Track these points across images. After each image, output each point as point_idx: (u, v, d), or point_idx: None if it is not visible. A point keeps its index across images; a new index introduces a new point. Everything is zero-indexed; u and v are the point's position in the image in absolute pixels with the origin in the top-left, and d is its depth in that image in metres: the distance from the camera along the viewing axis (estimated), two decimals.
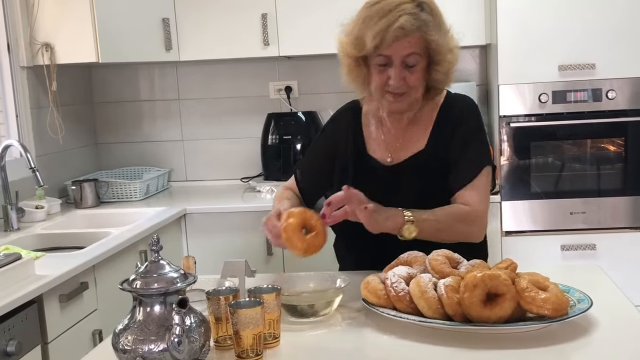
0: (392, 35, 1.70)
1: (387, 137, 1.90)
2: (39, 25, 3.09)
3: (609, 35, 2.96)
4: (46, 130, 3.23)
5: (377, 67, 1.78)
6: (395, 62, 1.75)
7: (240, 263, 1.63)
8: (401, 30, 1.70)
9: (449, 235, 1.75)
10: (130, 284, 1.29)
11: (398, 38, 1.71)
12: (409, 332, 1.45)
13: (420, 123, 1.89)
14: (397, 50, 1.73)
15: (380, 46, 1.73)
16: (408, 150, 1.88)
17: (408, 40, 1.72)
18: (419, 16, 1.72)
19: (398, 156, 1.88)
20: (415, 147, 1.87)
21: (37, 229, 2.82)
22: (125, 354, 1.26)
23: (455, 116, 1.87)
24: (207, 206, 3.22)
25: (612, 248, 3.03)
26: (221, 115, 3.77)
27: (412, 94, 1.79)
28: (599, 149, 3.09)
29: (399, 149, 1.88)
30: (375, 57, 1.76)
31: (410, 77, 1.76)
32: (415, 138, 1.88)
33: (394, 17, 1.70)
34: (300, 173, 2.03)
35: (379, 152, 1.90)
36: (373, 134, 1.92)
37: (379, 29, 1.71)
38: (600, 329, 1.44)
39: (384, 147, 1.90)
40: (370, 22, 1.74)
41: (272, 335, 1.42)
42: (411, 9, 1.72)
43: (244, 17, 3.32)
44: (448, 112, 1.88)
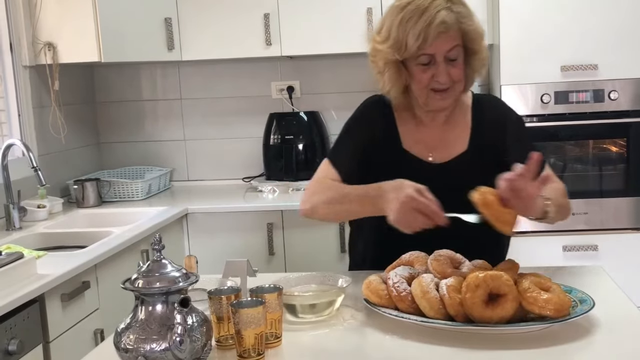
0: (435, 32, 1.70)
1: (425, 135, 1.88)
2: (41, 25, 3.09)
3: (611, 36, 2.96)
4: (48, 130, 3.23)
5: (420, 67, 1.76)
6: (438, 58, 1.74)
7: (242, 263, 1.63)
8: (443, 25, 1.70)
9: (564, 214, 1.77)
10: (132, 283, 1.29)
11: (440, 34, 1.71)
12: (411, 332, 1.45)
13: (456, 124, 1.89)
14: (440, 47, 1.73)
15: (423, 45, 1.72)
16: (450, 150, 1.86)
17: (449, 35, 1.72)
18: (453, 9, 1.73)
19: (440, 156, 1.87)
20: (458, 149, 1.86)
21: (39, 228, 2.83)
22: (127, 353, 1.26)
23: (494, 118, 1.88)
24: (209, 206, 3.22)
25: (614, 249, 3.02)
26: (223, 115, 3.77)
27: (457, 88, 1.80)
28: (601, 149, 3.09)
29: (439, 149, 1.87)
30: (418, 57, 1.75)
31: (454, 70, 1.76)
32: (454, 139, 1.87)
33: (432, 14, 1.70)
34: (340, 163, 1.89)
35: (418, 149, 1.87)
36: (409, 130, 1.89)
37: (421, 27, 1.70)
38: (602, 330, 1.44)
39: (422, 145, 1.88)
40: (408, 23, 1.72)
41: (273, 335, 1.42)
42: (445, 4, 1.72)
43: (247, 17, 3.32)
44: (483, 113, 1.89)
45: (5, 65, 3.07)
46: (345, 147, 1.94)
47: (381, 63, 1.81)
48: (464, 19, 1.74)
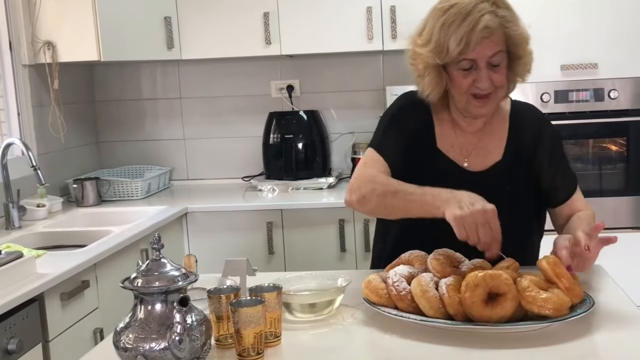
0: (478, 37, 1.66)
1: (461, 140, 1.85)
2: (41, 24, 3.09)
3: (611, 35, 2.96)
4: (48, 129, 3.23)
5: (461, 72, 1.72)
6: (480, 64, 1.70)
7: (241, 262, 1.63)
8: (487, 30, 1.66)
9: None
10: (131, 282, 1.29)
11: (483, 39, 1.66)
12: (410, 331, 1.45)
13: (493, 132, 1.85)
14: (483, 52, 1.68)
15: (465, 50, 1.67)
16: (485, 158, 1.83)
17: (492, 40, 1.68)
18: (498, 13, 1.69)
19: (474, 163, 1.83)
20: (493, 157, 1.83)
21: (38, 227, 2.83)
22: (126, 353, 1.26)
23: (529, 130, 1.85)
24: (209, 205, 3.22)
25: (614, 248, 3.00)
26: (223, 114, 3.77)
27: (499, 94, 1.76)
28: (601, 148, 3.09)
29: (474, 155, 1.84)
30: (459, 62, 1.71)
31: (496, 76, 1.72)
32: (490, 147, 1.84)
33: (475, 18, 1.66)
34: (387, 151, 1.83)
35: (453, 153, 1.84)
36: (446, 132, 1.86)
37: (463, 32, 1.66)
38: (602, 329, 1.44)
39: (458, 149, 1.84)
40: (450, 27, 1.67)
41: (273, 334, 1.42)
42: (489, 7, 1.68)
43: (246, 15, 3.32)
44: (519, 123, 1.86)
45: (4, 64, 3.06)
46: (391, 136, 1.87)
47: (421, 66, 1.76)
48: (509, 23, 1.70)
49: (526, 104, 1.97)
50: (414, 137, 1.84)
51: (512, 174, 1.83)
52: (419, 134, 1.85)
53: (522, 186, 1.83)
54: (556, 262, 1.49)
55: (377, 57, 3.60)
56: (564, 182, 1.87)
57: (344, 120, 3.67)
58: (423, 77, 1.77)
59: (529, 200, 1.85)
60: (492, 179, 1.81)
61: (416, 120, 1.87)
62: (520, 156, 1.83)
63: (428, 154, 1.84)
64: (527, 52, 1.76)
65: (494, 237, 1.54)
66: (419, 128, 1.86)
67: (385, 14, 3.26)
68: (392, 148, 1.83)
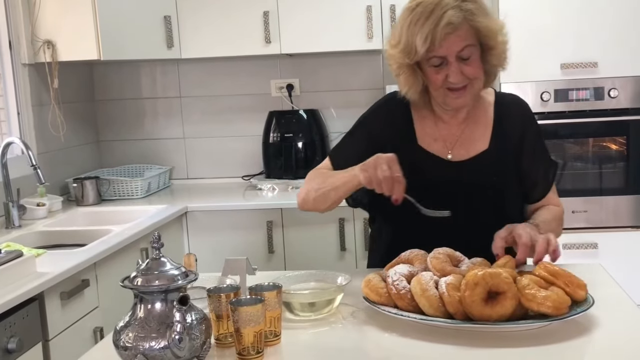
0: (442, 34, 1.67)
1: (444, 133, 1.86)
2: (40, 23, 3.09)
3: (611, 33, 2.96)
4: (48, 128, 3.23)
5: (433, 68, 1.73)
6: (450, 59, 1.71)
7: (241, 261, 1.63)
8: (450, 26, 1.67)
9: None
10: (131, 281, 1.29)
11: (448, 35, 1.67)
12: (410, 330, 1.45)
13: (477, 121, 1.86)
14: (450, 48, 1.69)
15: (431, 48, 1.69)
16: (470, 149, 1.84)
17: (458, 35, 1.69)
18: (463, 6, 1.69)
19: (459, 153, 1.84)
20: (478, 147, 1.84)
21: (38, 227, 2.83)
22: (126, 351, 1.26)
23: (516, 119, 1.86)
24: (209, 204, 3.22)
25: (614, 247, 3.02)
26: (222, 113, 3.77)
27: (475, 85, 1.77)
28: (601, 147, 3.09)
29: (458, 147, 1.85)
30: (429, 59, 1.72)
31: (468, 69, 1.72)
32: (475, 137, 1.85)
33: (438, 15, 1.67)
34: (337, 160, 1.91)
35: (436, 147, 1.85)
36: (427, 127, 1.87)
37: (427, 30, 1.67)
38: (601, 328, 1.44)
39: (441, 142, 1.85)
40: (416, 25, 1.69)
41: (273, 333, 1.42)
42: (453, 2, 1.69)
43: (246, 14, 3.32)
44: (505, 112, 1.87)
45: (4, 63, 3.06)
46: (350, 141, 1.94)
47: (395, 67, 1.79)
48: (474, 16, 1.70)
49: (511, 95, 1.98)
50: (385, 139, 1.85)
51: (500, 162, 1.83)
52: (397, 132, 1.87)
53: (509, 174, 1.84)
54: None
55: (376, 56, 3.60)
56: (544, 179, 1.88)
57: (344, 119, 3.65)
58: (398, 76, 1.80)
59: (517, 188, 1.86)
60: (477, 167, 1.82)
61: (390, 121, 1.89)
62: (507, 145, 1.84)
63: (409, 151, 1.84)
64: (499, 42, 1.75)
65: (393, 178, 1.59)
66: (397, 127, 1.88)
67: (385, 13, 3.26)
68: (345, 155, 1.89)
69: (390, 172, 1.60)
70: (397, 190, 1.61)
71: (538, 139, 1.89)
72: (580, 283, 1.47)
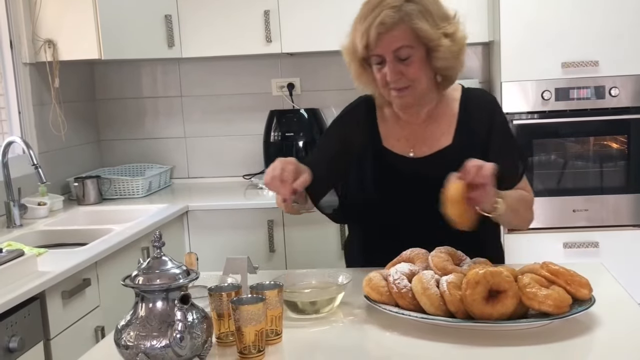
0: (375, 33, 1.69)
1: (407, 132, 1.87)
2: (41, 22, 3.09)
3: (612, 32, 2.95)
4: (49, 127, 3.23)
5: (376, 66, 1.76)
6: (387, 58, 1.72)
7: (242, 260, 1.63)
8: (382, 26, 1.68)
9: (517, 219, 1.78)
10: (132, 280, 1.30)
11: (381, 35, 1.69)
12: (411, 329, 1.45)
13: (441, 119, 1.86)
14: (385, 47, 1.71)
15: (368, 46, 1.71)
16: (432, 145, 1.85)
17: (393, 35, 1.69)
18: (402, 7, 1.70)
19: (422, 150, 1.85)
20: (441, 143, 1.84)
21: (39, 226, 2.83)
22: (127, 350, 1.26)
23: (482, 114, 1.85)
24: (209, 203, 3.22)
25: (615, 246, 3.02)
26: (223, 112, 3.77)
27: (417, 87, 1.76)
28: (602, 146, 3.08)
29: (421, 144, 1.85)
30: (371, 57, 1.75)
31: (407, 70, 1.73)
32: (438, 134, 1.85)
33: (375, 15, 1.69)
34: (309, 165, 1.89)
35: (399, 147, 1.86)
36: (391, 128, 1.89)
37: (364, 29, 1.71)
38: (602, 327, 1.44)
39: (404, 142, 1.87)
40: (358, 23, 1.74)
41: (274, 332, 1.43)
42: (394, 2, 1.70)
43: (247, 13, 3.32)
44: (471, 108, 1.86)
45: (5, 63, 3.06)
46: (318, 148, 1.99)
47: (347, 62, 1.83)
48: (410, 17, 1.69)
49: (479, 89, 1.97)
50: (356, 140, 1.88)
51: (464, 157, 1.78)
52: (362, 134, 1.89)
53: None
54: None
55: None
56: (512, 173, 1.84)
57: None
58: (352, 72, 1.83)
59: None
60: (440, 162, 1.81)
61: (357, 123, 1.91)
62: (473, 140, 1.83)
63: (373, 152, 1.87)
64: (443, 46, 1.72)
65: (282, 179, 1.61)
66: (362, 129, 1.90)
67: None
68: (315, 157, 1.92)
69: (280, 173, 1.62)
70: (283, 189, 1.62)
71: (505, 133, 1.87)
72: (582, 281, 1.47)
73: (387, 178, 1.82)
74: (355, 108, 1.96)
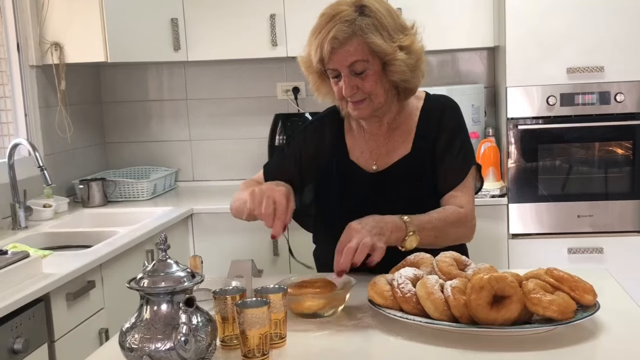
0: (329, 48, 1.68)
1: (371, 144, 1.87)
2: (48, 25, 3.10)
3: (617, 38, 2.95)
4: (55, 129, 3.24)
5: (333, 80, 1.76)
6: (342, 72, 1.71)
7: (247, 263, 1.63)
8: (335, 41, 1.67)
9: (444, 241, 1.75)
10: (137, 283, 1.30)
11: (335, 49, 1.68)
12: (415, 333, 1.45)
13: (401, 128, 1.86)
14: (339, 61, 1.70)
15: (322, 60, 1.71)
16: (393, 156, 1.85)
17: (346, 50, 1.68)
18: (355, 22, 1.68)
19: (384, 162, 1.85)
20: (400, 152, 1.85)
21: (44, 228, 2.84)
22: (132, 353, 1.27)
23: (436, 118, 1.84)
24: (214, 206, 3.22)
25: (620, 251, 3.02)
26: (229, 115, 3.77)
27: (374, 99, 1.75)
28: (607, 152, 3.08)
29: (384, 155, 1.86)
30: (327, 70, 1.74)
31: (363, 83, 1.72)
32: (399, 143, 1.85)
33: (329, 29, 1.68)
34: (267, 177, 1.95)
35: (363, 159, 1.87)
36: (356, 140, 1.89)
37: (318, 43, 1.70)
38: (607, 333, 1.43)
39: (367, 154, 1.87)
40: (313, 36, 1.73)
41: (278, 335, 1.43)
42: (348, 16, 1.68)
43: (253, 17, 3.33)
44: (429, 115, 1.85)
45: (12, 65, 3.08)
46: (277, 160, 2.00)
47: (305, 71, 1.82)
48: (363, 32, 1.67)
49: (441, 96, 1.94)
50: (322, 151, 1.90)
51: (421, 165, 1.82)
52: (329, 145, 1.90)
53: (425, 177, 1.83)
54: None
55: None
56: (449, 172, 1.82)
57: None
58: (311, 84, 1.83)
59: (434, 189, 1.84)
60: (396, 174, 1.82)
61: (322, 136, 1.92)
62: (427, 145, 1.82)
63: (339, 165, 1.88)
64: (398, 59, 1.70)
65: (277, 214, 1.61)
66: (327, 144, 1.91)
67: None
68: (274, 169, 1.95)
69: (272, 210, 1.62)
70: (276, 227, 1.64)
71: (455, 135, 1.84)
72: (587, 287, 1.47)
73: (350, 191, 1.84)
74: (323, 119, 1.97)
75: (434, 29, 3.29)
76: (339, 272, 1.57)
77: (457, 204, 1.79)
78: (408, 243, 1.65)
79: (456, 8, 3.26)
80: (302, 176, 1.91)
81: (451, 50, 3.53)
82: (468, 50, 3.53)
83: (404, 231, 1.64)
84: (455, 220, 1.76)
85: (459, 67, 3.61)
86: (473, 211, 1.81)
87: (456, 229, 1.77)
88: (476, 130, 3.28)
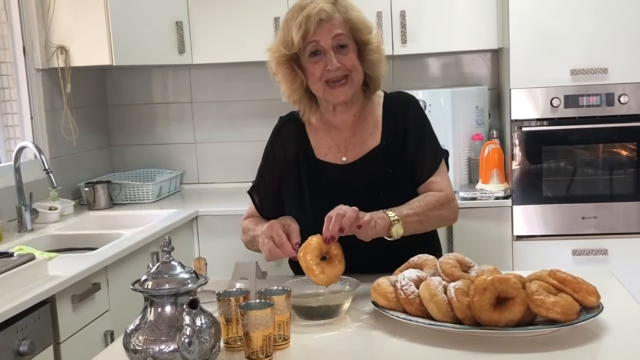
0: (315, 20, 1.77)
1: (337, 139, 1.92)
2: (54, 28, 3.12)
3: (621, 39, 2.95)
4: (60, 132, 3.26)
5: (311, 60, 1.81)
6: (325, 46, 1.79)
7: (250, 265, 1.64)
8: (323, 12, 1.77)
9: (430, 225, 1.83)
10: (141, 285, 1.30)
11: (322, 22, 1.77)
12: (419, 335, 1.46)
13: (367, 121, 1.92)
14: (325, 34, 1.79)
15: (306, 35, 1.78)
16: (363, 148, 1.90)
17: (331, 23, 1.79)
18: (336, 3, 1.82)
19: (352, 155, 1.90)
20: (370, 144, 1.90)
21: (50, 230, 2.85)
22: (136, 354, 1.27)
23: (401, 112, 1.91)
24: (219, 208, 3.23)
25: (624, 253, 3.01)
26: (233, 118, 3.78)
27: (354, 77, 1.83)
28: (611, 153, 3.07)
29: (352, 149, 1.91)
30: (306, 48, 1.80)
31: (345, 58, 1.80)
32: (367, 135, 1.91)
33: (312, 7, 1.78)
34: (259, 199, 2.01)
35: (331, 155, 1.91)
36: (321, 138, 1.93)
37: (301, 19, 1.77)
38: (610, 334, 1.43)
39: (335, 148, 1.92)
40: (291, 20, 1.81)
41: (282, 337, 1.43)
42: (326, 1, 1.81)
43: (257, 20, 3.33)
44: (392, 108, 1.93)
45: (18, 69, 3.09)
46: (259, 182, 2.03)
47: (273, 64, 1.88)
48: (346, 9, 1.81)
49: (399, 92, 2.04)
50: (289, 158, 1.94)
51: (393, 155, 1.88)
52: (294, 152, 1.94)
53: (403, 166, 1.88)
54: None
55: (387, 62, 3.59)
56: (425, 161, 1.89)
57: None
58: (277, 75, 1.89)
59: (412, 179, 1.89)
60: (370, 164, 1.88)
61: (286, 143, 1.97)
62: (397, 138, 1.89)
63: (308, 167, 1.92)
64: (373, 38, 1.84)
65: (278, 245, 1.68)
66: (292, 149, 1.95)
67: (395, 18, 3.26)
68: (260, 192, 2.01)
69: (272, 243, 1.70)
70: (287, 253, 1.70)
71: (421, 128, 1.92)
72: (590, 289, 1.47)
73: (321, 188, 1.87)
74: (283, 126, 2.02)
75: (438, 31, 3.32)
76: (328, 238, 1.60)
77: (437, 189, 1.86)
78: (394, 231, 1.70)
79: (460, 10, 3.26)
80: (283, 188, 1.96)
81: (455, 53, 3.54)
82: (472, 52, 3.53)
83: (387, 219, 1.70)
84: (436, 204, 1.82)
85: (462, 69, 3.62)
86: (453, 193, 1.90)
87: (439, 212, 1.83)
88: (480, 132, 3.28)
